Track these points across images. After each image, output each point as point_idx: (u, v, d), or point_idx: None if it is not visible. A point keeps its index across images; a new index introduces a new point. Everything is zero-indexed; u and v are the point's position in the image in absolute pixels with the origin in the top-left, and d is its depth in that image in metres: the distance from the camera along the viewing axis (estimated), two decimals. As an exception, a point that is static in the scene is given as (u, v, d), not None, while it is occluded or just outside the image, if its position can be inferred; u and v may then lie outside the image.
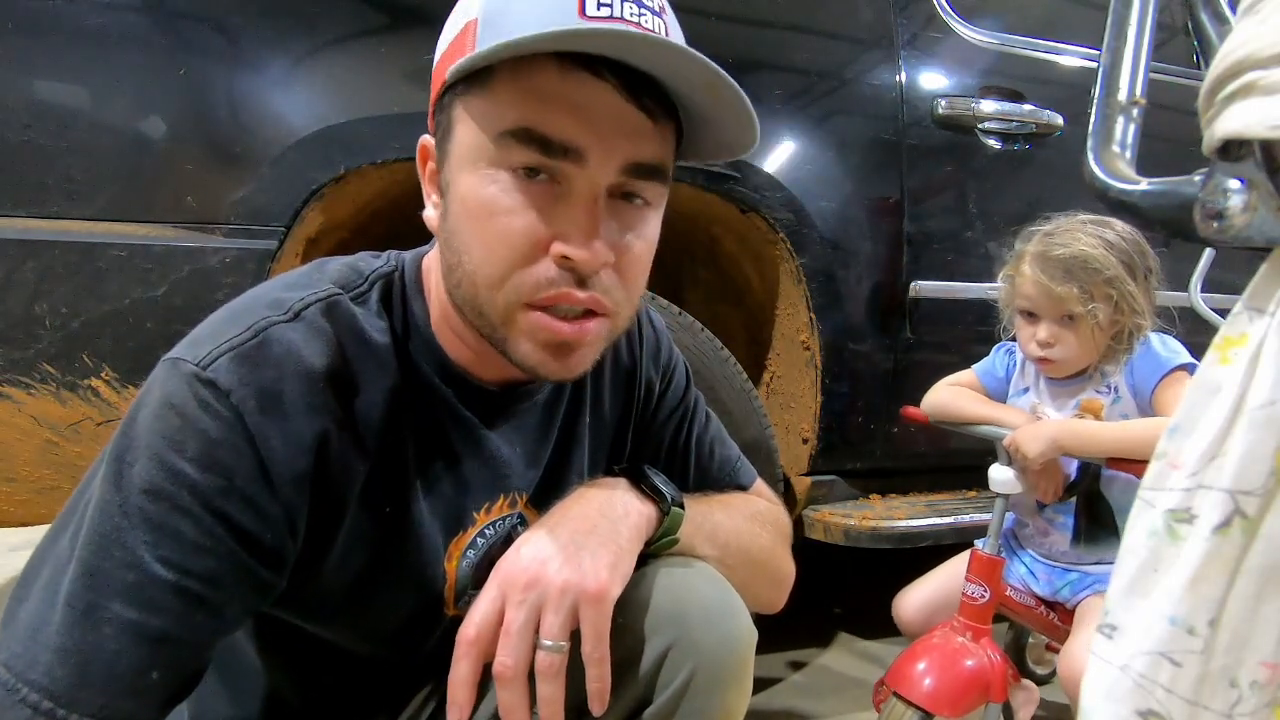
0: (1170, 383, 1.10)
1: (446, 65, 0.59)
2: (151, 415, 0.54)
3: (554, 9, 0.55)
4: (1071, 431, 1.10)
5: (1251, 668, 0.41)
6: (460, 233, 0.59)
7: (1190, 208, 0.44)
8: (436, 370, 0.66)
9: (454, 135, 0.59)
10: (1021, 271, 1.17)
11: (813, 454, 1.56)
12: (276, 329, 0.58)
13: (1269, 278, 0.42)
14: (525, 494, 0.74)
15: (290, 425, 0.56)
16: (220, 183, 1.09)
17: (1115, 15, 0.69)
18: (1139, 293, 1.11)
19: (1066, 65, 1.70)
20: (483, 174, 0.57)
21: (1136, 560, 0.45)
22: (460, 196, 0.59)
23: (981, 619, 1.15)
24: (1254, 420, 0.40)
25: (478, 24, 0.57)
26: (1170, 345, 1.14)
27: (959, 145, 1.58)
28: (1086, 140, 0.63)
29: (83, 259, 1.02)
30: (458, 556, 0.70)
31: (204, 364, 0.55)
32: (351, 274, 0.65)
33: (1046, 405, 1.22)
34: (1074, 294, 1.10)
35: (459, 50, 0.58)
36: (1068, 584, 1.21)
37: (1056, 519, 1.23)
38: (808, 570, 1.04)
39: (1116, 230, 1.13)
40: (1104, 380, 1.16)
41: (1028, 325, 1.18)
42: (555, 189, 0.57)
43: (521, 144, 0.56)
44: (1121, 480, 1.15)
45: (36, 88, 1.01)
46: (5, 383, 1.02)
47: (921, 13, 1.57)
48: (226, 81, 1.09)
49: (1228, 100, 0.40)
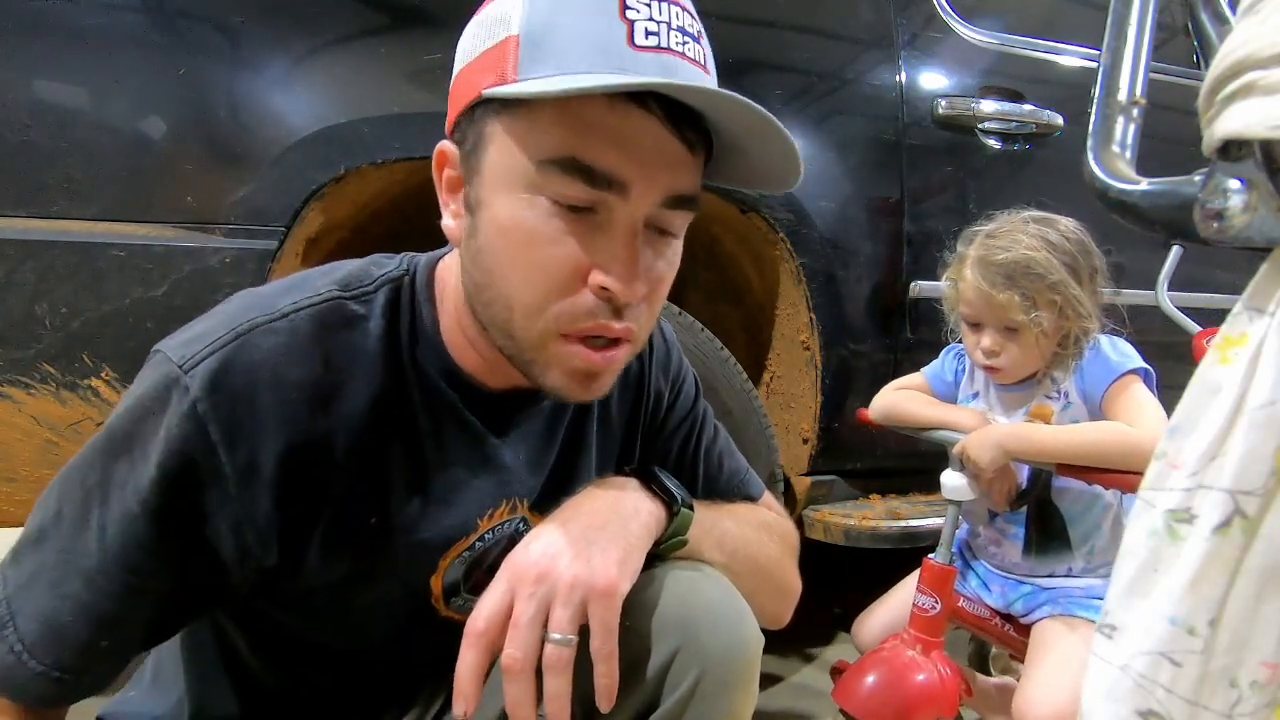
0: (1120, 388, 1.07)
1: (479, 76, 0.57)
2: (132, 409, 0.57)
3: (602, 35, 0.54)
4: (1020, 436, 1.06)
5: (1251, 668, 0.41)
6: (494, 255, 0.58)
7: (1190, 208, 0.44)
8: (443, 376, 0.66)
9: (486, 152, 0.58)
10: (964, 276, 1.12)
11: (813, 454, 1.55)
12: (257, 334, 0.58)
13: (1269, 278, 0.42)
14: (527, 499, 0.74)
15: (256, 436, 0.57)
16: (220, 183, 1.08)
17: (1115, 15, 0.69)
18: (1084, 296, 1.07)
19: (1066, 65, 1.70)
20: (521, 198, 0.56)
21: (1136, 560, 0.45)
22: (495, 219, 0.58)
23: (933, 631, 1.11)
24: (1254, 420, 0.40)
25: (519, 42, 0.55)
26: (1121, 349, 1.10)
27: (959, 145, 1.57)
28: (1086, 140, 0.63)
29: (83, 259, 1.02)
30: (454, 558, 0.70)
31: (186, 367, 0.56)
32: (361, 276, 0.65)
33: (997, 411, 1.19)
34: (1016, 302, 1.06)
35: (496, 65, 0.56)
36: (1020, 597, 1.18)
37: (1008, 529, 1.20)
38: (808, 570, 1.03)
39: (1060, 229, 1.09)
40: (1054, 386, 1.13)
41: (972, 334, 1.15)
42: (595, 219, 0.57)
43: (565, 174, 0.55)
44: (1074, 490, 1.12)
45: (36, 88, 1.01)
46: (5, 383, 1.02)
47: (921, 13, 1.57)
48: (226, 81, 1.09)
49: (1228, 100, 0.40)
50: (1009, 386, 1.17)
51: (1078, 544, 1.13)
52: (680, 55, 0.57)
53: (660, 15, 0.56)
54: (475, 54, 0.59)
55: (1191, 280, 1.70)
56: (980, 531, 1.24)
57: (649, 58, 0.55)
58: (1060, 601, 1.12)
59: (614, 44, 0.54)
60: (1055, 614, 1.11)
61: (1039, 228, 1.09)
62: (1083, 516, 1.13)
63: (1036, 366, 1.12)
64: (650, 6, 0.56)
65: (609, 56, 0.54)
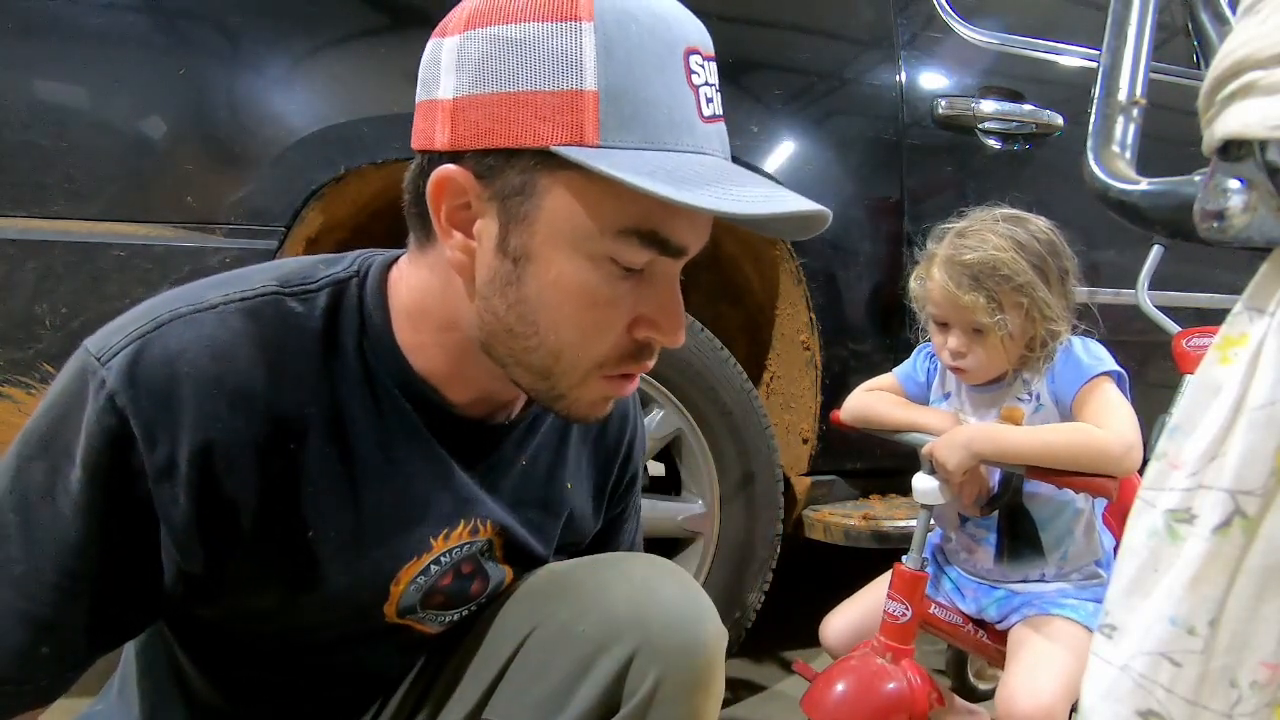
0: (1090, 390, 1.04)
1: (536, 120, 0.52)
2: (52, 408, 0.56)
3: (677, 103, 0.54)
4: (987, 438, 1.03)
5: (1251, 668, 0.41)
6: (547, 311, 0.56)
7: (1190, 208, 0.44)
8: (398, 385, 0.62)
9: (540, 203, 0.54)
10: (931, 275, 1.09)
11: (813, 454, 1.56)
12: (178, 324, 0.56)
13: (1269, 278, 0.42)
14: (491, 522, 0.70)
15: (177, 430, 0.55)
16: (220, 183, 1.09)
17: (1115, 15, 0.69)
18: (1051, 299, 1.04)
19: (1066, 65, 1.70)
20: (585, 260, 0.55)
21: (1136, 560, 0.45)
22: (554, 278, 0.55)
23: (903, 639, 1.08)
24: (1254, 420, 0.40)
25: (598, 100, 0.52)
26: (1094, 351, 1.07)
27: (959, 145, 1.58)
28: (1086, 140, 0.63)
29: (83, 259, 1.02)
30: (406, 582, 0.66)
31: (103, 358, 0.54)
32: (305, 273, 0.62)
33: (968, 413, 1.15)
34: (981, 304, 1.03)
35: (568, 117, 0.52)
36: (994, 602, 1.15)
37: (980, 534, 1.16)
38: (808, 570, 1.03)
39: (1030, 229, 1.06)
40: (1025, 388, 1.10)
41: (940, 334, 1.12)
42: (645, 273, 0.57)
43: (644, 245, 0.54)
44: (1044, 494, 1.09)
45: (36, 88, 1.01)
46: (5, 383, 1.02)
47: (921, 13, 1.57)
48: (226, 81, 1.09)
49: (1228, 100, 0.40)
50: (979, 388, 1.14)
51: (1050, 549, 1.11)
52: (723, 119, 0.58)
53: (711, 78, 0.56)
54: (522, 86, 0.53)
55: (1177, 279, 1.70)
56: (952, 537, 1.21)
57: (712, 130, 0.56)
58: (1035, 604, 1.10)
59: (688, 115, 0.54)
60: (1030, 614, 1.09)
61: (1009, 227, 1.06)
62: (1054, 521, 1.11)
63: (1004, 369, 1.10)
64: (705, 68, 0.56)
65: (687, 130, 0.54)
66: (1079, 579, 1.12)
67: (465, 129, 0.54)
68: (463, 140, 0.55)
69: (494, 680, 0.71)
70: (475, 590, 0.72)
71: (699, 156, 0.54)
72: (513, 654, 0.70)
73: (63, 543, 0.55)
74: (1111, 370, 1.04)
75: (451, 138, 0.55)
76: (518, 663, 0.70)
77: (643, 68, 0.53)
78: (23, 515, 0.55)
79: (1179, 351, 1.41)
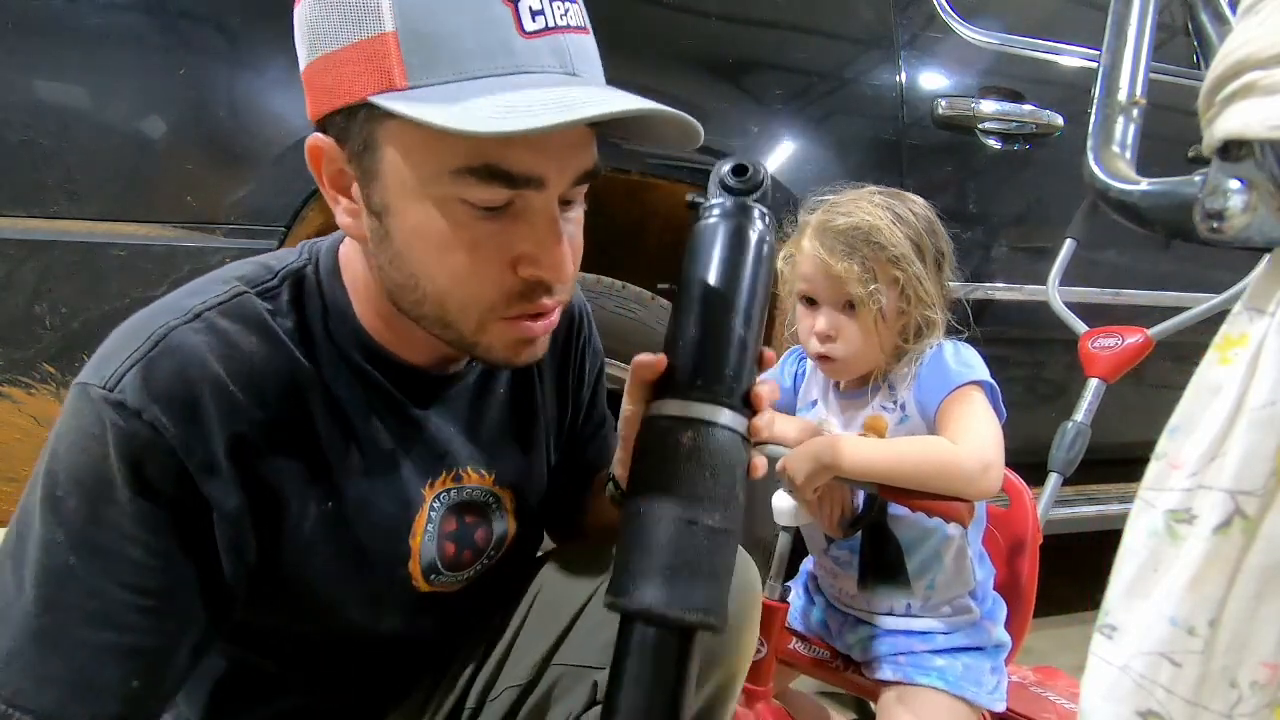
0: (955, 400, 0.93)
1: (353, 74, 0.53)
2: (73, 446, 0.55)
3: (489, 24, 0.52)
4: (836, 449, 0.89)
5: (1252, 668, 0.41)
6: (415, 260, 0.58)
7: (1190, 208, 0.44)
8: (364, 355, 0.66)
9: (382, 156, 0.55)
10: (801, 248, 0.99)
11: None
12: (176, 334, 0.57)
13: (1269, 278, 0.42)
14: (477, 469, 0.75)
15: (207, 430, 0.57)
16: (220, 183, 1.09)
17: (1115, 15, 0.70)
18: (928, 279, 0.95)
19: (1066, 65, 1.70)
20: (433, 205, 0.55)
21: (1137, 560, 0.45)
22: (410, 227, 0.56)
23: (757, 679, 0.98)
24: (1254, 420, 0.40)
25: (398, 39, 0.51)
26: (963, 357, 0.97)
27: (959, 145, 1.57)
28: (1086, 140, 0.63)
29: (83, 259, 1.02)
30: (420, 534, 0.71)
31: (111, 385, 0.55)
32: (261, 271, 0.65)
33: (834, 421, 1.06)
34: (855, 272, 0.93)
35: (376, 65, 0.52)
36: (859, 641, 1.06)
37: (844, 557, 1.06)
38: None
39: (909, 205, 0.98)
40: (891, 394, 1.00)
41: (808, 315, 1.00)
42: (512, 210, 0.56)
43: (482, 180, 0.54)
44: (910, 516, 0.96)
45: (36, 88, 1.01)
46: (5, 383, 1.02)
47: (921, 13, 1.57)
48: (226, 81, 1.09)
49: (1228, 100, 0.40)
50: (846, 393, 1.06)
51: (915, 575, 1.01)
52: (568, 30, 0.55)
53: None
54: (338, 43, 0.54)
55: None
56: (818, 561, 1.12)
57: (542, 44, 0.53)
58: (901, 664, 1.01)
59: (504, 35, 0.52)
60: (895, 679, 1.01)
61: (885, 199, 0.98)
62: (920, 546, 1.01)
63: (874, 359, 0.99)
64: None
65: (503, 52, 0.52)
66: (949, 613, 1.03)
67: (316, 95, 0.57)
68: (318, 107, 0.57)
69: (563, 631, 0.74)
70: (480, 538, 0.75)
71: (517, 76, 0.52)
72: (583, 604, 0.74)
73: (127, 564, 0.55)
74: (981, 380, 0.94)
75: (311, 106, 0.58)
76: (588, 610, 0.74)
77: None
78: (79, 553, 0.55)
79: (1085, 353, 1.35)
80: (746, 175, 0.65)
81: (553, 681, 0.73)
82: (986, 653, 1.03)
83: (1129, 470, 1.53)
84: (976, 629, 1.04)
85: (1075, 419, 1.29)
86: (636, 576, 0.54)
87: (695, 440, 0.57)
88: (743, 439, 0.60)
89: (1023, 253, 1.65)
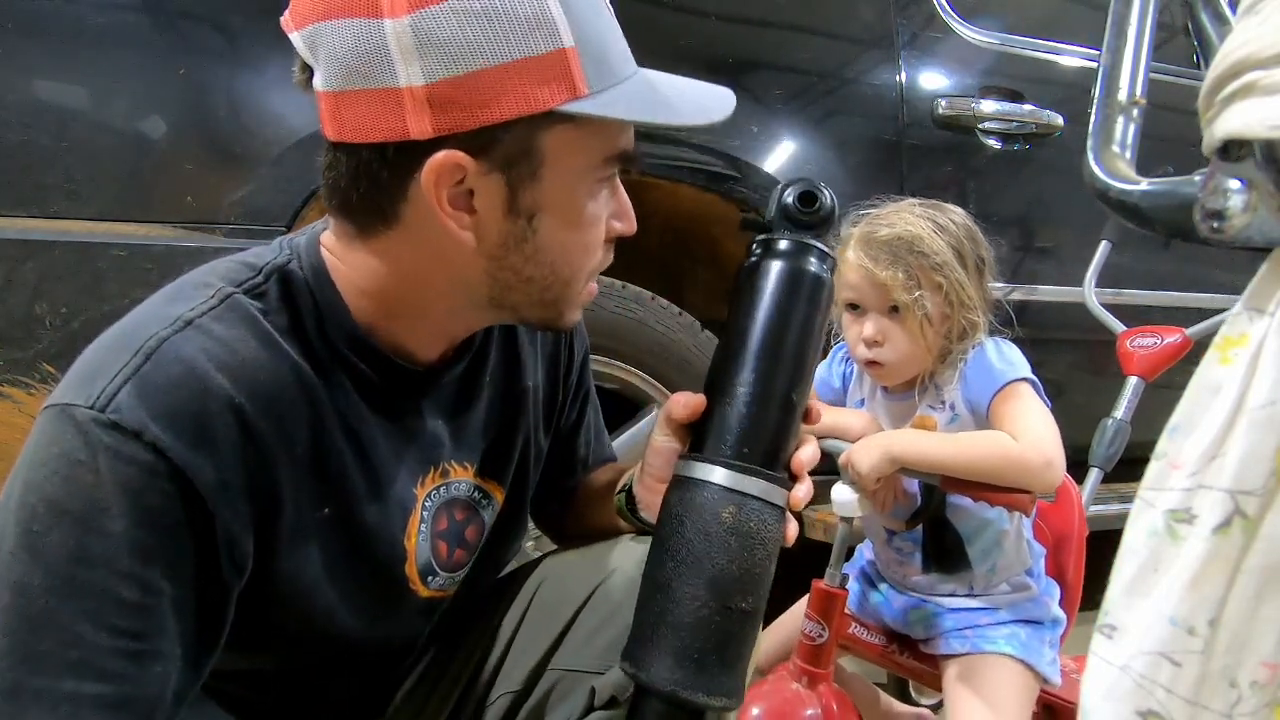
0: (1006, 397, 0.97)
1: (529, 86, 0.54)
2: (53, 475, 0.50)
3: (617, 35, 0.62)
4: (907, 441, 0.94)
5: (1251, 668, 0.41)
6: (561, 248, 0.63)
7: (1190, 208, 0.44)
8: (354, 351, 0.64)
9: (543, 160, 0.58)
10: (845, 258, 1.02)
11: (813, 454, 1.55)
12: (170, 345, 0.54)
13: (1269, 278, 0.42)
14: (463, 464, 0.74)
15: (215, 445, 0.53)
16: (220, 183, 1.09)
17: (1115, 15, 0.70)
18: (970, 284, 0.99)
19: (1066, 65, 1.70)
20: (586, 194, 0.62)
21: (1137, 560, 0.45)
22: (566, 218, 0.62)
23: (820, 661, 1.00)
24: (1254, 420, 0.40)
25: (578, 54, 0.56)
26: (1006, 355, 1.01)
27: (959, 145, 1.58)
28: (1086, 140, 0.63)
29: (83, 259, 1.02)
30: (415, 534, 0.69)
31: (100, 405, 0.51)
32: (243, 270, 0.62)
33: (883, 422, 1.09)
34: (899, 280, 0.97)
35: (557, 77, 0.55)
36: (921, 620, 1.08)
37: (907, 548, 1.09)
38: (807, 570, 1.03)
39: (949, 215, 1.02)
40: (938, 395, 1.04)
41: (854, 322, 1.04)
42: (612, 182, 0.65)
43: (620, 163, 0.63)
44: (968, 508, 1.02)
45: (36, 88, 1.01)
46: (5, 383, 1.02)
47: (921, 13, 1.57)
48: (226, 81, 1.09)
49: (1228, 100, 0.40)
50: (893, 395, 1.08)
51: (977, 563, 1.05)
52: None
53: None
54: (498, 59, 0.54)
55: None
56: (880, 551, 1.15)
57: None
58: (968, 637, 1.04)
59: (625, 43, 0.61)
60: (964, 652, 1.03)
61: (926, 209, 1.02)
62: (979, 535, 1.05)
63: (921, 362, 1.02)
64: None
65: (630, 57, 0.62)
66: (1007, 590, 1.07)
67: (452, 112, 0.54)
68: (452, 124, 0.54)
69: (559, 635, 0.74)
70: (471, 536, 0.75)
71: (640, 75, 0.62)
72: (579, 608, 0.74)
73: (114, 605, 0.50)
74: (1026, 378, 0.98)
75: (435, 124, 0.54)
76: (585, 613, 0.73)
77: (592, 11, 0.58)
78: (59, 595, 0.50)
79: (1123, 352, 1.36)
80: (815, 207, 0.64)
81: (549, 687, 0.72)
82: (1045, 626, 1.06)
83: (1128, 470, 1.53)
84: (1036, 603, 1.07)
85: (1115, 415, 1.32)
86: (663, 653, 0.54)
87: (737, 517, 0.57)
88: (781, 512, 0.60)
89: (1023, 253, 1.65)
